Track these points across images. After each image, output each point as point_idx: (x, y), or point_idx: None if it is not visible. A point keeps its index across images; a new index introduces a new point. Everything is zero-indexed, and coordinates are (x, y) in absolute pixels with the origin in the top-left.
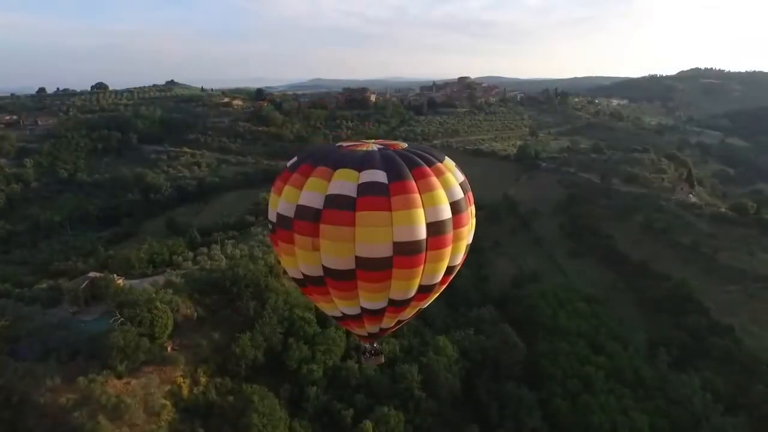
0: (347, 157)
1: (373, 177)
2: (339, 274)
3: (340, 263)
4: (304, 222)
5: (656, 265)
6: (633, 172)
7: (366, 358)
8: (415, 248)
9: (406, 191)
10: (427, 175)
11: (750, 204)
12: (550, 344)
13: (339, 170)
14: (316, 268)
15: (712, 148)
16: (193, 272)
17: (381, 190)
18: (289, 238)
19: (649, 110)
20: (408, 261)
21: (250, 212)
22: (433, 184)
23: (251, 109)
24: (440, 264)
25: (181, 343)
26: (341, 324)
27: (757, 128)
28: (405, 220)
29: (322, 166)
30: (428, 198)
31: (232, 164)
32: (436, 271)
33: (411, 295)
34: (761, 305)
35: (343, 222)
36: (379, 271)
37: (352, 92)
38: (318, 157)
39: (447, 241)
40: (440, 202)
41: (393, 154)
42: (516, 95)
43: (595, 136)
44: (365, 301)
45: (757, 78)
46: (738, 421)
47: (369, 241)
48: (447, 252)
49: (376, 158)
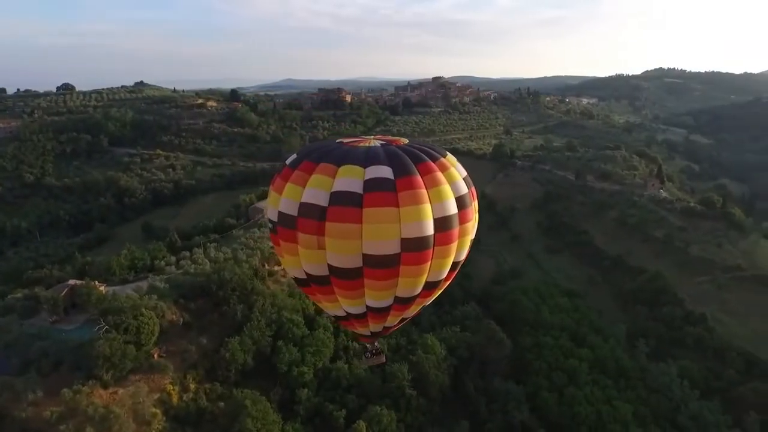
0: (350, 153)
1: (379, 173)
2: (345, 273)
3: (347, 261)
4: (309, 220)
5: (631, 259)
6: (606, 169)
7: (367, 358)
8: (423, 244)
9: (413, 187)
10: (432, 170)
11: (716, 198)
12: (534, 339)
13: (343, 167)
14: (321, 267)
15: (678, 145)
16: (177, 277)
17: (388, 186)
18: (293, 237)
19: (617, 109)
20: (416, 257)
21: (231, 214)
22: (439, 180)
23: (226, 110)
24: (446, 260)
25: (168, 350)
26: (343, 324)
27: (717, 126)
28: (413, 216)
29: (325, 163)
30: (435, 193)
31: (208, 166)
32: (442, 267)
33: (417, 292)
34: (730, 295)
35: (349, 219)
36: (386, 269)
37: (328, 92)
38: (320, 153)
39: (453, 236)
40: (446, 198)
41: (396, 149)
42: (490, 95)
43: (568, 134)
44: (371, 299)
45: (716, 78)
46: (713, 405)
47: (377, 238)
48: (453, 247)
49: (381, 154)
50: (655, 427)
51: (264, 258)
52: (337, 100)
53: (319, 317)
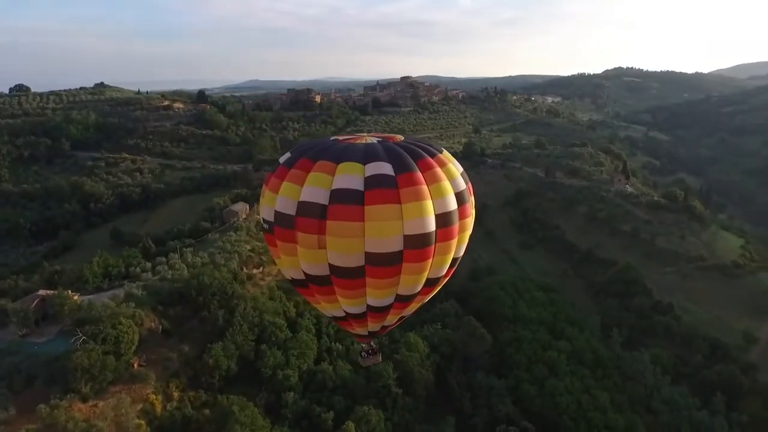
0: (348, 150)
1: (379, 169)
2: (347, 272)
3: (349, 260)
4: (309, 219)
5: (601, 252)
6: (574, 165)
7: (363, 358)
8: (425, 241)
9: (414, 183)
10: (431, 166)
11: (679, 192)
12: (513, 333)
13: (343, 164)
14: (322, 267)
15: (639, 142)
16: (154, 283)
17: (389, 182)
18: (291, 237)
19: (580, 107)
20: (418, 254)
21: (205, 218)
22: (438, 176)
23: (193, 111)
24: (447, 256)
25: (148, 359)
26: (341, 324)
27: (673, 123)
28: (415, 213)
29: (323, 161)
30: (435, 189)
31: (177, 169)
32: (443, 263)
33: (418, 290)
34: (694, 284)
35: (351, 217)
36: (389, 267)
37: (297, 93)
38: (316, 151)
39: (454, 232)
40: (447, 193)
41: (394, 146)
42: (458, 94)
43: (535, 132)
44: (372, 298)
45: (671, 77)
46: (682, 389)
47: (379, 236)
48: (454, 243)
49: (380, 150)
50: (632, 413)
51: (242, 261)
52: (307, 100)
53: (300, 319)
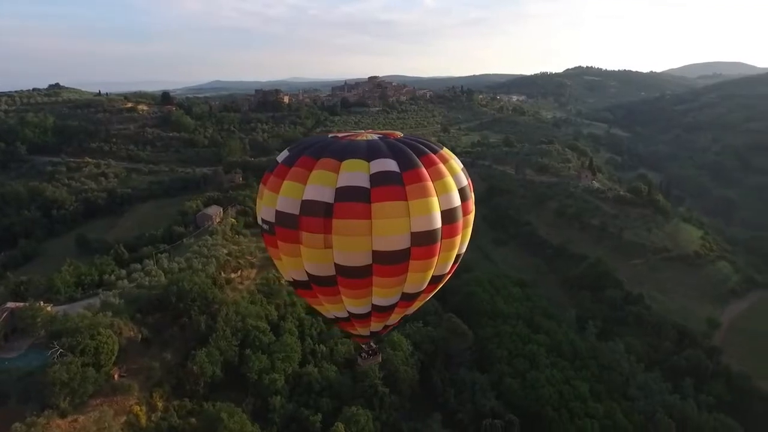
0: (351, 147)
1: (384, 166)
2: (354, 272)
3: (356, 259)
4: (314, 218)
5: (572, 247)
6: (543, 162)
7: (363, 359)
8: (432, 238)
9: (420, 179)
10: (435, 162)
11: (643, 187)
12: (493, 328)
13: (347, 161)
14: (327, 267)
15: (601, 139)
16: (131, 291)
17: (395, 179)
18: (294, 237)
19: (544, 105)
20: (425, 251)
21: (178, 222)
22: (442, 172)
23: (159, 114)
24: (452, 252)
25: (129, 369)
26: (342, 326)
27: (631, 120)
28: (422, 209)
29: (326, 158)
30: (440, 185)
31: (144, 173)
32: (448, 259)
33: (424, 287)
34: (661, 274)
35: (358, 215)
36: (396, 265)
37: (265, 94)
38: (317, 148)
39: (458, 228)
40: (451, 189)
41: (397, 142)
42: (425, 93)
43: (502, 130)
44: (379, 297)
45: (628, 76)
46: (655, 375)
47: (387, 234)
48: (458, 240)
49: (383, 147)
50: (610, 401)
51: (220, 266)
52: (275, 101)
53: (283, 322)
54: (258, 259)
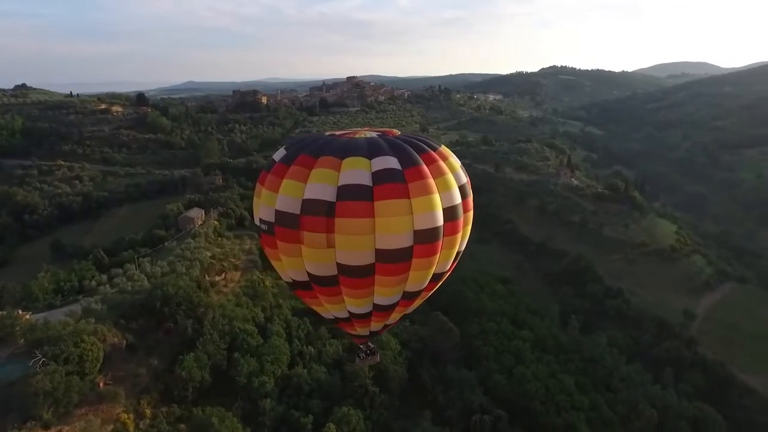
0: (352, 144)
1: (386, 164)
2: (356, 271)
3: (359, 258)
4: (316, 217)
5: (553, 244)
6: (522, 161)
7: (362, 359)
8: (434, 235)
9: (422, 177)
10: (435, 159)
11: (620, 183)
12: (479, 326)
13: (348, 158)
14: (329, 267)
15: (577, 137)
16: (113, 296)
17: (397, 177)
18: (295, 237)
19: (521, 104)
20: (428, 249)
21: (159, 226)
22: (443, 169)
23: (134, 115)
24: (453, 250)
25: (115, 376)
26: (341, 326)
27: (605, 118)
28: (425, 207)
29: (327, 156)
30: (441, 183)
31: (120, 176)
32: (448, 257)
33: (425, 285)
34: (639, 269)
35: (361, 214)
36: (399, 263)
37: (243, 95)
38: (316, 146)
39: (459, 225)
40: (452, 187)
41: (396, 140)
42: (404, 93)
43: (480, 129)
44: (380, 296)
45: (601, 76)
46: (637, 367)
47: (390, 232)
48: (459, 237)
49: (383, 145)
50: (594, 393)
51: (204, 269)
52: (253, 102)
53: (270, 325)
54: (242, 262)
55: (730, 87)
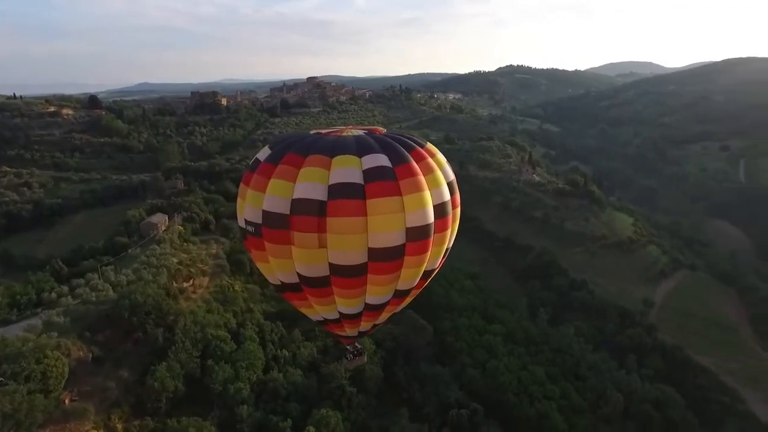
0: (340, 142)
1: (377, 161)
2: (349, 271)
3: (352, 258)
4: (306, 217)
5: (518, 239)
6: (485, 158)
7: (349, 360)
8: (426, 233)
9: (412, 174)
10: (423, 156)
11: (579, 179)
12: (450, 322)
13: (338, 156)
14: (321, 268)
15: (535, 134)
16: (76, 308)
17: (388, 174)
18: (285, 238)
19: (480, 103)
20: (419, 246)
21: (120, 233)
22: (431, 166)
23: (86, 118)
24: (442, 247)
25: (81, 392)
26: (329, 327)
27: (561, 116)
28: (417, 204)
29: (315, 154)
30: (431, 180)
31: (74, 182)
32: (438, 254)
33: (416, 283)
34: (600, 261)
35: (353, 212)
36: (392, 261)
37: (202, 96)
38: (303, 145)
39: (448, 222)
40: (441, 184)
41: (385, 138)
42: (365, 93)
43: (442, 128)
44: (372, 296)
45: (556, 74)
46: (603, 355)
47: (383, 230)
48: (448, 234)
49: (372, 142)
50: (564, 381)
51: (171, 275)
52: (213, 104)
53: (243, 330)
54: (210, 267)
55: (674, 86)
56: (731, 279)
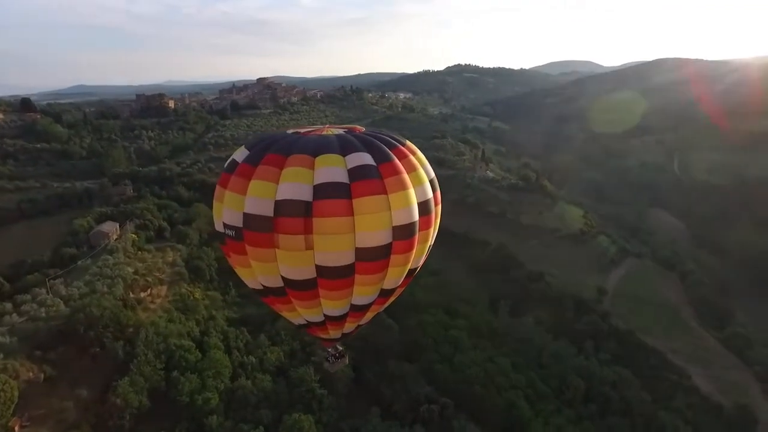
0: (322, 141)
1: (361, 160)
2: (337, 272)
3: (339, 258)
4: (292, 218)
5: (476, 234)
6: (439, 156)
7: (331, 363)
8: (411, 231)
9: (396, 172)
10: (405, 154)
11: (531, 174)
12: (415, 319)
13: (321, 156)
14: (307, 270)
15: (485, 132)
16: (24, 326)
17: (373, 173)
18: (268, 241)
19: (430, 101)
20: (405, 245)
21: (68, 243)
22: (413, 164)
23: (19, 123)
24: (426, 245)
25: (33, 416)
26: (312, 331)
27: (509, 113)
28: (402, 202)
29: (298, 154)
30: (414, 177)
31: (9, 191)
32: (422, 252)
33: (401, 282)
34: (554, 252)
35: (340, 212)
36: (379, 261)
37: (148, 99)
38: (283, 144)
39: (432, 219)
40: (424, 181)
41: (366, 136)
42: (316, 93)
43: (394, 127)
44: (359, 296)
45: (503, 73)
46: (562, 343)
47: (370, 229)
48: (431, 232)
49: (355, 141)
50: (528, 370)
51: (127, 286)
52: (159, 106)
53: (207, 338)
54: (167, 275)
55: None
56: (672, 265)
